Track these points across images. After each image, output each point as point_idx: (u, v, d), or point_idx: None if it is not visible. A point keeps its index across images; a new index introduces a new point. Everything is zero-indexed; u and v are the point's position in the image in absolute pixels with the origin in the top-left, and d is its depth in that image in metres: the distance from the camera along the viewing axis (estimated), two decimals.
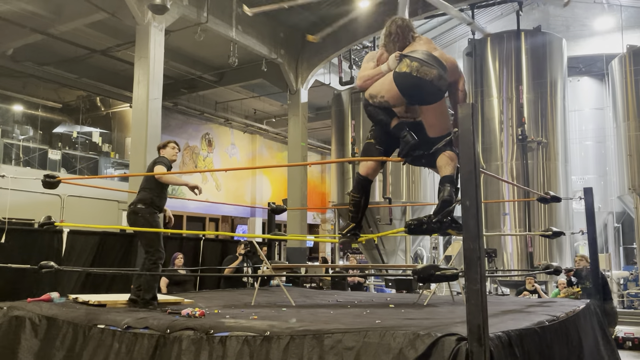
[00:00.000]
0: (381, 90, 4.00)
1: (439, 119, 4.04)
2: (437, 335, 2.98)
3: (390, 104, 3.99)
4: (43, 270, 5.02)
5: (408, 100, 3.97)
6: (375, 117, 4.03)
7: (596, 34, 15.66)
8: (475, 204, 2.93)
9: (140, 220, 5.00)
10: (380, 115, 4.00)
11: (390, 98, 3.96)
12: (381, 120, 4.00)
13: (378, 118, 4.02)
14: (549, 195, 6.08)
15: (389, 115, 4.00)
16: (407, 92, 3.90)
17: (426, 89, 3.87)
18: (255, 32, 13.42)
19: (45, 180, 5.22)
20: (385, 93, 3.97)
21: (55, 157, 15.74)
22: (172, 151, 5.31)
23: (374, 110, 4.01)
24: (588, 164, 15.62)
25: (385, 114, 4.00)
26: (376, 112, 4.02)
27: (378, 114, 4.01)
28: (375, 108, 4.01)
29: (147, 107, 10.23)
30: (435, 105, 3.98)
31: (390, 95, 3.96)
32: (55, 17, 12.20)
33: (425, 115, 4.07)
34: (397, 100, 3.96)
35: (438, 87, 3.90)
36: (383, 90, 3.99)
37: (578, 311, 5.01)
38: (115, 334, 4.02)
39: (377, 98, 4.00)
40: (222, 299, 6.19)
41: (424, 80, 3.85)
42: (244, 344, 3.46)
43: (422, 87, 3.86)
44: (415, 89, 3.87)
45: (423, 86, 3.86)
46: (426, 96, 3.93)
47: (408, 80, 3.87)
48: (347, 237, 4.26)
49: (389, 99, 3.96)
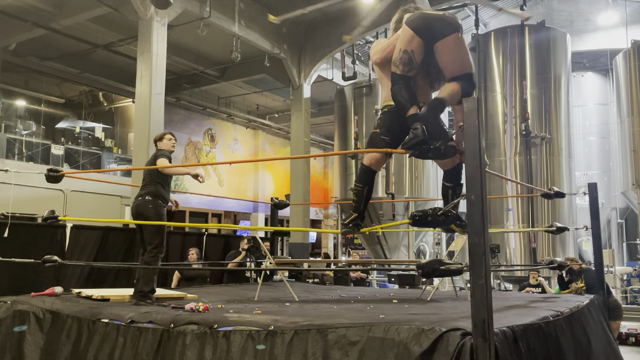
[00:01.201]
0: (399, 45, 3.99)
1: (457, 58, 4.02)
2: (441, 330, 2.97)
3: (409, 52, 3.92)
4: (46, 264, 5.02)
5: (425, 37, 3.91)
6: (397, 96, 3.96)
7: (600, 29, 15.58)
8: (480, 198, 2.92)
9: (150, 212, 4.99)
10: (402, 97, 3.92)
11: (407, 44, 3.92)
12: (401, 102, 3.93)
13: (399, 99, 3.95)
14: (552, 190, 6.07)
15: (410, 99, 3.90)
16: (422, 28, 3.92)
17: (439, 20, 3.95)
18: (258, 27, 13.38)
19: (49, 174, 5.22)
20: (402, 45, 3.96)
21: (58, 152, 15.75)
22: (170, 142, 5.33)
23: (398, 90, 3.95)
24: (592, 160, 15.57)
25: (407, 96, 3.90)
26: (400, 92, 3.94)
27: (401, 94, 3.93)
28: (401, 88, 3.93)
29: (150, 102, 10.22)
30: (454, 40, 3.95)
31: (406, 41, 3.93)
32: (57, 12, 12.18)
33: (444, 56, 3.99)
34: (414, 43, 3.91)
35: (451, 20, 3.98)
36: (400, 44, 3.98)
37: (582, 306, 5.00)
38: (119, 329, 4.03)
39: (398, 56, 3.96)
40: (225, 294, 6.19)
41: (436, 15, 4.03)
42: (248, 338, 3.46)
43: (433, 19, 3.96)
44: (427, 24, 3.93)
45: (435, 19, 3.97)
46: (441, 27, 3.94)
47: (419, 17, 3.98)
48: (349, 227, 4.24)
49: (406, 46, 3.92)
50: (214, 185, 20.27)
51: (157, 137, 5.42)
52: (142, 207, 5.00)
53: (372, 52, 4.33)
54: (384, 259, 14.26)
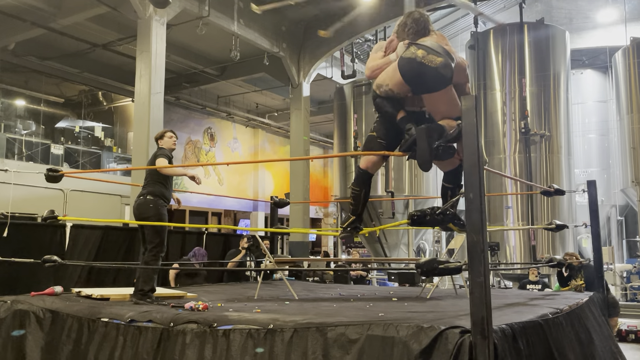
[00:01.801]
0: (386, 79, 3.96)
1: (447, 106, 3.95)
2: (440, 328, 2.98)
3: (394, 92, 3.92)
4: (46, 264, 5.03)
5: (412, 89, 3.89)
6: (382, 108, 3.99)
7: (599, 26, 15.58)
8: (479, 196, 2.93)
9: (150, 212, 4.99)
10: (387, 107, 3.95)
11: (394, 86, 3.90)
12: (387, 112, 3.95)
13: (384, 110, 3.97)
14: (552, 188, 6.07)
15: (395, 107, 3.94)
16: (410, 79, 3.84)
17: (430, 76, 3.79)
18: (257, 26, 13.38)
19: (49, 174, 5.23)
20: (389, 81, 3.93)
21: (57, 152, 15.76)
22: (170, 140, 5.33)
23: (381, 101, 3.97)
24: (591, 157, 15.58)
25: (392, 106, 3.94)
26: (383, 104, 3.97)
27: (385, 105, 3.96)
28: (383, 99, 3.96)
29: (149, 101, 10.22)
30: (442, 93, 3.89)
31: (394, 83, 3.91)
32: (56, 11, 12.18)
33: (432, 103, 3.97)
34: (401, 88, 3.89)
35: (443, 74, 3.80)
36: (388, 79, 3.95)
37: (582, 304, 5.01)
38: (119, 328, 4.04)
39: (382, 87, 3.95)
40: (225, 292, 6.21)
41: (428, 67, 3.78)
42: (247, 337, 3.47)
43: (425, 74, 3.79)
44: (418, 76, 3.81)
45: (426, 73, 3.79)
46: (430, 83, 3.84)
47: (411, 66, 3.81)
48: (348, 230, 4.25)
49: (393, 87, 3.91)
50: (214, 184, 20.27)
51: (157, 135, 5.42)
52: (143, 206, 5.01)
53: (367, 65, 4.29)
54: (383, 257, 14.27)
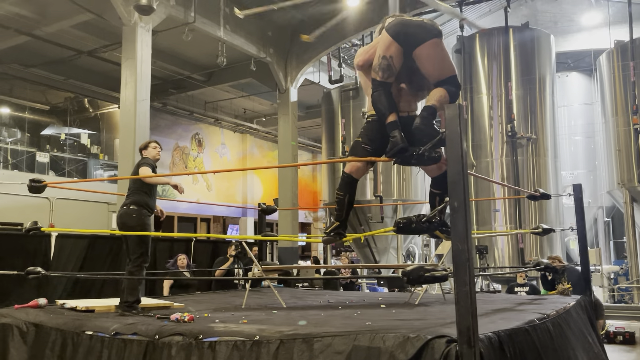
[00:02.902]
0: (378, 51, 4.00)
1: (441, 63, 4.03)
2: (427, 337, 2.97)
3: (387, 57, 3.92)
4: (30, 276, 4.96)
5: (404, 43, 3.92)
6: (377, 104, 3.97)
7: (584, 29, 15.75)
8: (463, 205, 2.92)
9: (133, 221, 4.95)
10: (381, 104, 3.92)
11: (386, 50, 3.93)
12: (380, 109, 3.94)
13: (378, 106, 3.95)
14: (538, 192, 6.10)
15: (389, 106, 3.91)
16: (398, 34, 3.92)
17: (417, 28, 3.96)
18: (244, 32, 13.35)
19: (31, 185, 5.15)
20: (382, 51, 3.96)
21: (43, 160, 15.61)
22: (154, 150, 5.30)
23: (378, 96, 3.95)
24: (578, 159, 15.72)
25: (386, 103, 3.91)
26: (379, 99, 3.95)
27: (380, 101, 3.94)
28: (380, 94, 3.93)
29: (135, 108, 10.14)
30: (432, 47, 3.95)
31: (385, 48, 3.94)
32: (40, 18, 12.06)
33: (424, 63, 4.00)
34: (392, 49, 3.92)
35: (429, 24, 3.99)
36: (380, 49, 3.99)
37: (569, 308, 5.03)
38: (104, 341, 3.98)
39: (377, 62, 3.97)
40: (213, 301, 6.15)
41: (414, 21, 4.03)
42: (233, 349, 3.43)
43: (412, 26, 3.97)
44: (405, 30, 3.94)
45: (413, 26, 3.97)
46: (419, 34, 3.94)
47: (398, 22, 3.98)
48: (331, 236, 4.22)
49: (385, 52, 3.93)
50: (202, 190, 20.18)
51: (141, 145, 5.38)
52: (126, 216, 4.96)
53: (355, 57, 4.35)
54: (373, 261, 14.27)
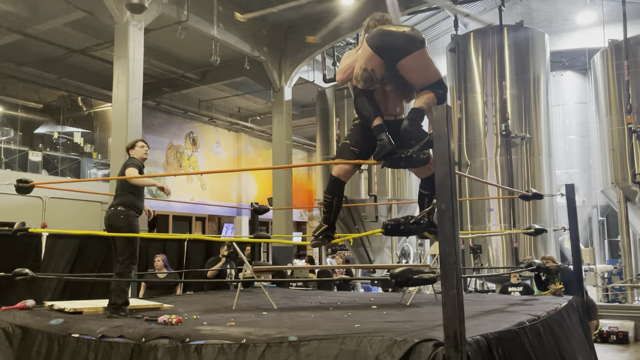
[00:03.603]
0: (359, 63, 3.93)
1: (425, 72, 3.96)
2: (414, 341, 2.94)
3: (369, 72, 3.86)
4: (17, 277, 4.90)
5: (383, 56, 3.84)
6: (361, 110, 3.93)
7: (578, 28, 15.73)
8: (451, 207, 2.89)
9: (121, 223, 4.91)
10: (365, 109, 3.89)
11: (367, 63, 3.86)
12: (365, 115, 3.90)
13: (362, 112, 3.92)
14: (530, 192, 6.08)
15: (374, 110, 3.87)
16: (379, 47, 3.82)
17: (399, 40, 3.82)
18: (237, 30, 13.29)
19: (19, 185, 5.10)
20: (362, 62, 3.90)
21: (36, 159, 15.51)
22: (142, 150, 5.24)
23: (361, 102, 3.91)
24: (572, 158, 15.71)
25: (370, 108, 3.87)
26: (362, 105, 3.91)
27: (364, 107, 3.90)
28: (363, 100, 3.90)
29: (127, 107, 10.09)
30: (417, 58, 3.86)
31: (366, 60, 3.87)
32: (31, 17, 11.97)
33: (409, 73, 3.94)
34: (374, 62, 3.84)
35: (412, 36, 3.83)
36: (360, 61, 3.92)
37: (560, 309, 5.00)
38: (90, 344, 3.94)
39: (359, 74, 3.91)
40: (204, 302, 6.12)
41: (396, 32, 3.86)
42: (219, 352, 3.40)
43: (394, 39, 3.83)
44: (387, 43, 3.82)
45: (395, 38, 3.83)
46: (402, 46, 3.82)
47: (379, 34, 3.86)
48: (320, 239, 4.19)
49: (367, 65, 3.86)
50: (197, 189, 20.12)
51: (128, 145, 5.32)
52: (114, 217, 4.92)
53: (338, 70, 4.28)
54: (367, 259, 14.26)
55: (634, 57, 12.05)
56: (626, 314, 10.35)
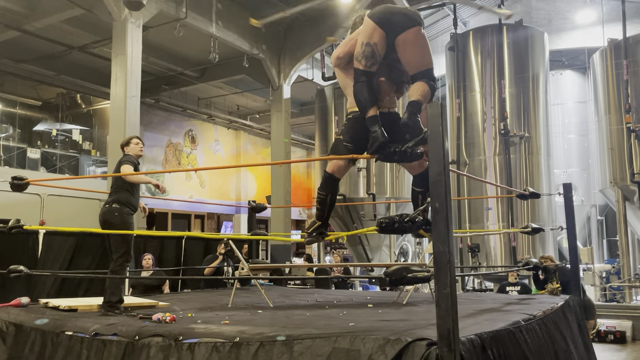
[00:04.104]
0: (360, 39, 3.92)
1: (421, 51, 3.96)
2: (407, 340, 2.92)
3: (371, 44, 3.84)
4: (12, 275, 4.88)
5: (387, 29, 3.83)
6: (358, 95, 3.88)
7: (578, 27, 15.70)
8: (445, 206, 2.87)
9: (116, 220, 4.90)
10: (363, 96, 3.84)
11: (369, 37, 3.84)
12: (361, 101, 3.86)
13: (359, 98, 3.87)
14: (527, 191, 6.06)
15: (370, 99, 3.84)
16: (384, 21, 3.84)
17: (400, 14, 3.88)
18: (236, 28, 13.26)
19: (13, 182, 5.08)
20: (365, 38, 3.87)
21: (34, 156, 15.49)
22: (137, 147, 5.22)
23: (360, 88, 3.87)
24: (571, 157, 15.68)
25: (368, 96, 3.83)
26: (361, 91, 3.86)
27: (363, 93, 3.86)
28: (363, 86, 3.85)
29: (125, 104, 10.07)
30: (415, 35, 3.88)
31: (367, 35, 3.85)
32: (29, 13, 11.95)
33: (406, 52, 3.92)
34: (376, 36, 3.84)
35: (413, 13, 3.93)
36: (362, 37, 3.90)
37: (556, 308, 4.98)
38: (83, 341, 3.92)
39: (361, 52, 3.87)
40: (200, 300, 6.10)
41: (397, 8, 3.97)
42: (212, 350, 3.38)
43: (395, 13, 3.88)
44: (388, 16, 3.86)
45: (396, 12, 3.89)
46: (403, 20, 3.86)
47: (382, 11, 3.90)
48: (313, 236, 4.16)
49: (369, 39, 3.84)
50: (196, 187, 20.10)
51: (123, 142, 5.31)
52: (108, 214, 4.90)
53: (334, 51, 4.26)
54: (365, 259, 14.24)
55: (633, 56, 12.03)
56: (624, 314, 10.34)
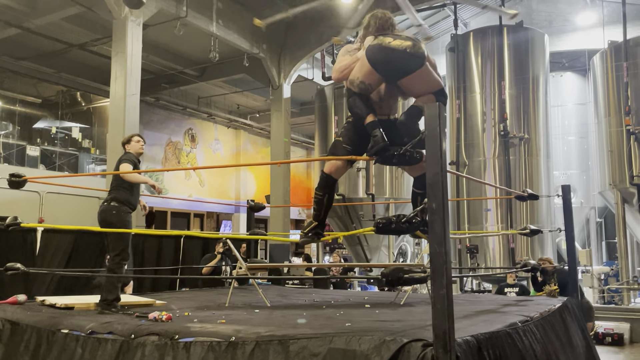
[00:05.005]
0: (356, 72, 3.86)
1: (426, 85, 3.87)
2: (403, 341, 2.91)
3: (366, 84, 3.79)
4: (9, 272, 4.87)
5: (384, 76, 3.78)
6: (353, 108, 3.88)
7: (579, 29, 15.70)
8: (442, 207, 2.86)
9: (113, 218, 4.90)
10: (358, 108, 3.84)
11: (365, 77, 3.79)
12: (357, 113, 3.86)
13: (355, 110, 3.87)
14: (526, 192, 6.06)
15: (366, 109, 3.83)
16: (379, 65, 3.74)
17: (400, 59, 3.71)
18: (236, 27, 13.25)
19: (11, 179, 5.07)
20: (359, 74, 3.83)
21: (34, 154, 15.48)
22: (137, 145, 5.21)
23: (353, 101, 3.87)
24: (571, 159, 15.68)
25: (363, 106, 3.82)
26: (355, 103, 3.86)
27: (356, 105, 3.85)
28: (355, 98, 3.86)
29: (125, 103, 10.06)
30: (417, 75, 3.78)
31: (364, 74, 3.79)
32: (30, 11, 11.95)
33: (409, 87, 3.88)
34: (372, 78, 3.77)
35: (413, 54, 3.71)
36: (358, 72, 3.85)
37: (554, 310, 4.98)
38: (78, 339, 3.91)
39: (355, 82, 3.84)
40: (197, 299, 6.09)
41: (397, 50, 3.71)
42: (208, 349, 3.37)
43: (395, 58, 3.71)
44: (387, 61, 3.73)
45: (396, 57, 3.71)
46: (402, 67, 3.74)
47: (379, 52, 3.74)
48: (309, 236, 4.16)
49: (364, 79, 3.79)
50: (195, 186, 20.09)
51: (124, 139, 5.30)
52: (106, 212, 4.90)
53: (334, 68, 4.21)
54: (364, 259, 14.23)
55: (633, 58, 12.02)
56: (622, 316, 10.33)
